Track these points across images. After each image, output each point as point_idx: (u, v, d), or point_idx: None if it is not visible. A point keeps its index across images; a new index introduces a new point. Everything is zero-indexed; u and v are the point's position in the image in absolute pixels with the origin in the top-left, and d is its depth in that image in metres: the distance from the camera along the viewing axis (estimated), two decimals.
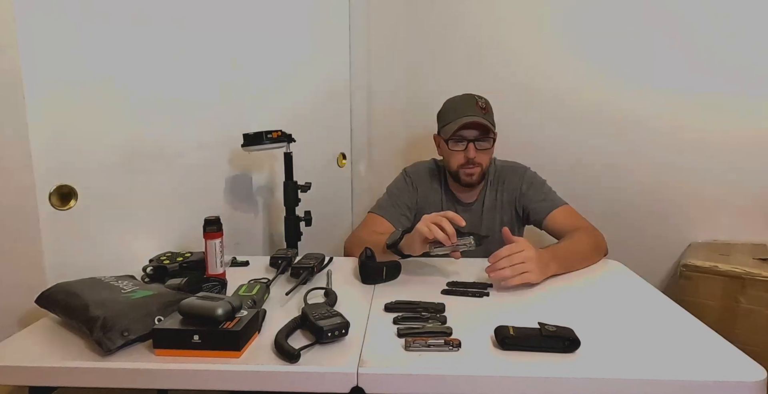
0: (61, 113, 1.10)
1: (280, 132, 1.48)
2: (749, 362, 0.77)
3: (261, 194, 1.70)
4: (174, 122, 1.36)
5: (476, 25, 2.02)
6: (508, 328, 0.83)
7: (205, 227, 1.11)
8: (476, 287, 1.09)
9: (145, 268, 1.13)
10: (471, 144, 1.39)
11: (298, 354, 0.77)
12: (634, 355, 0.80)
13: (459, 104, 1.44)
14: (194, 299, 0.83)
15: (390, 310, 0.97)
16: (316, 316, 0.85)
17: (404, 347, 0.81)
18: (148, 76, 1.28)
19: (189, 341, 0.79)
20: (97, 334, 0.79)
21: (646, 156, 1.88)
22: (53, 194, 1.10)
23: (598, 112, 1.91)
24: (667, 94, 1.81)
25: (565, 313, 0.96)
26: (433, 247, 1.11)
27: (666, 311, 0.99)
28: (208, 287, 1.04)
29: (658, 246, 1.88)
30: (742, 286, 1.51)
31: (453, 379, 0.75)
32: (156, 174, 1.32)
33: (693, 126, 1.80)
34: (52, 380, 0.79)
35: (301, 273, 1.12)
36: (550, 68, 1.95)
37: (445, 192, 1.52)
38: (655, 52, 1.81)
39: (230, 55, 1.51)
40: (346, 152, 2.13)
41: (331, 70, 2.00)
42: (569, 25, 1.91)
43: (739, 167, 1.77)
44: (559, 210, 1.40)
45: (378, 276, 1.14)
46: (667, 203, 1.87)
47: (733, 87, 1.74)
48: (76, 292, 0.91)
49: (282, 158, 1.54)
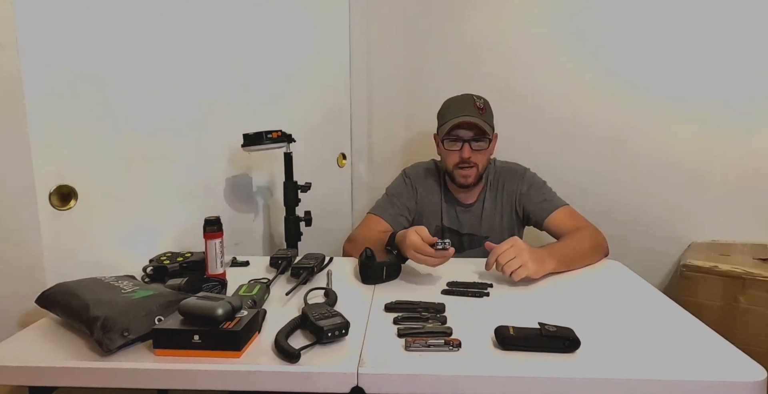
0: (61, 113, 1.11)
1: (280, 132, 1.47)
2: (749, 362, 0.77)
3: (261, 194, 1.70)
4: (174, 122, 1.36)
5: (477, 25, 2.02)
6: (508, 328, 0.83)
7: (205, 227, 1.11)
8: (476, 287, 1.09)
9: (145, 268, 1.13)
10: (466, 144, 1.39)
11: (298, 354, 0.77)
12: (634, 355, 0.80)
13: (456, 104, 1.44)
14: (194, 299, 0.83)
15: (390, 310, 0.97)
16: (316, 316, 0.85)
17: (404, 347, 0.81)
18: (148, 77, 1.28)
19: (189, 341, 0.79)
20: (98, 334, 0.79)
21: (646, 156, 1.87)
22: (53, 194, 1.10)
23: (598, 113, 1.91)
24: (668, 95, 1.81)
25: (565, 313, 0.96)
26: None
27: (666, 311, 0.99)
28: (208, 287, 1.04)
29: (658, 246, 1.88)
30: (742, 286, 1.51)
31: (453, 379, 0.75)
32: (156, 174, 1.32)
33: (693, 126, 1.80)
34: (52, 380, 0.79)
35: (301, 273, 1.12)
36: (550, 69, 1.95)
37: (445, 193, 1.52)
38: (655, 56, 1.81)
39: (231, 55, 1.51)
40: (346, 152, 2.13)
41: (331, 70, 2.00)
42: (570, 27, 1.91)
43: (739, 167, 1.77)
44: (559, 211, 1.40)
45: (378, 276, 1.14)
46: (667, 203, 1.87)
47: (733, 88, 1.74)
48: (76, 292, 0.91)
49: (282, 158, 1.54)
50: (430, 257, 1.09)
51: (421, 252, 1.09)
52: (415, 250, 1.10)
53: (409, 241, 1.10)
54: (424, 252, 1.09)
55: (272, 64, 1.67)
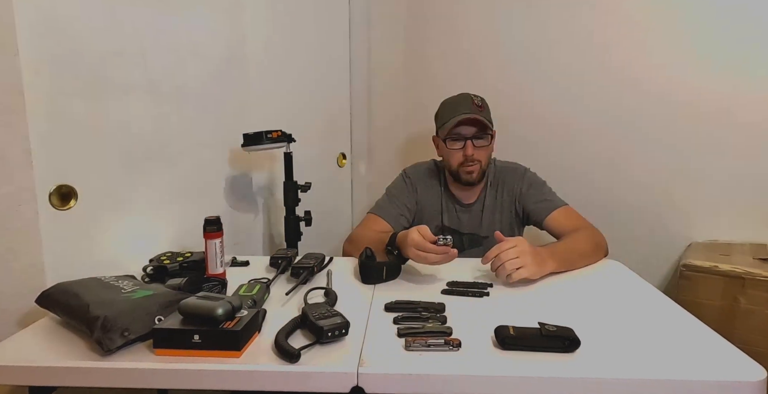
0: (61, 113, 1.10)
1: (280, 132, 1.48)
2: (749, 362, 0.77)
3: (261, 194, 1.70)
4: (174, 122, 1.36)
5: (477, 25, 2.02)
6: (508, 328, 0.83)
7: (205, 227, 1.11)
8: (476, 287, 1.09)
9: (145, 268, 1.13)
10: (469, 141, 1.39)
11: (298, 354, 0.77)
12: (634, 355, 0.80)
13: (455, 103, 1.44)
14: (194, 299, 0.83)
15: (390, 310, 0.97)
16: (316, 316, 0.85)
17: (404, 347, 0.81)
18: (148, 76, 1.28)
19: (189, 341, 0.79)
20: (98, 334, 0.79)
21: (646, 156, 1.87)
22: (53, 194, 1.10)
23: (598, 113, 1.91)
24: (668, 95, 1.81)
25: (565, 313, 0.96)
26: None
27: (666, 311, 0.99)
28: (208, 286, 1.04)
29: (658, 246, 1.88)
30: (742, 286, 1.51)
31: (453, 379, 0.75)
32: (156, 174, 1.32)
33: (693, 126, 1.80)
34: (52, 380, 0.79)
35: (301, 273, 1.12)
36: (550, 69, 1.95)
37: (445, 193, 1.52)
38: (655, 56, 1.81)
39: (230, 55, 1.51)
40: (346, 152, 2.14)
41: (331, 70, 2.00)
42: (570, 25, 1.91)
43: (739, 167, 1.77)
44: (559, 210, 1.40)
45: (378, 276, 1.14)
46: (667, 202, 1.87)
47: (733, 87, 1.74)
48: (76, 292, 0.91)
49: (282, 158, 1.54)
50: (431, 253, 1.08)
51: (422, 249, 1.09)
52: (416, 247, 1.09)
53: (410, 239, 1.10)
54: (425, 249, 1.08)
55: (272, 63, 1.67)
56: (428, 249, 1.08)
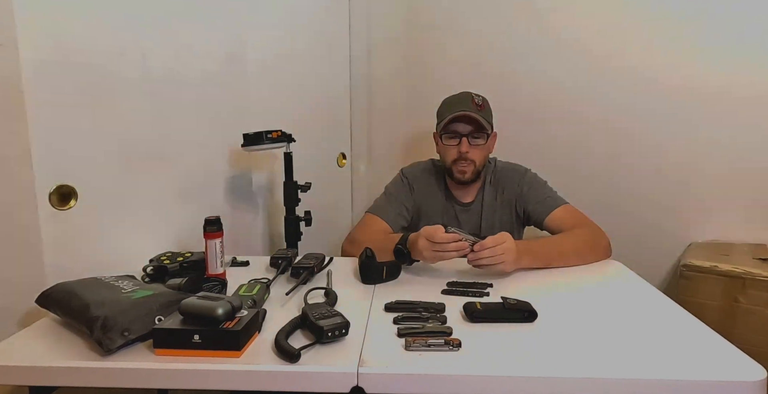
0: (61, 113, 1.10)
1: (280, 132, 1.47)
2: (749, 362, 0.77)
3: (261, 194, 1.70)
4: (174, 122, 1.36)
5: (477, 25, 2.02)
6: (475, 303, 0.95)
7: (205, 227, 1.11)
8: (476, 287, 1.09)
9: (145, 268, 1.13)
10: (464, 138, 1.40)
11: (299, 354, 0.77)
12: (635, 355, 0.80)
13: (455, 101, 1.45)
14: (194, 299, 0.83)
15: (390, 310, 0.97)
16: (316, 316, 0.85)
17: (404, 347, 0.81)
18: (148, 76, 1.28)
19: (189, 341, 0.79)
20: (98, 334, 0.79)
21: (646, 156, 1.87)
22: (53, 194, 1.10)
23: (598, 113, 1.91)
24: (668, 94, 1.81)
25: (565, 313, 0.96)
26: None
27: (666, 311, 0.99)
28: (209, 286, 1.04)
29: (658, 246, 1.88)
30: (742, 286, 1.51)
31: (453, 379, 0.75)
32: (156, 174, 1.32)
33: (693, 126, 1.80)
34: (52, 380, 0.79)
35: (301, 273, 1.12)
36: (551, 68, 1.95)
37: (444, 192, 1.52)
38: (655, 55, 1.81)
39: (231, 54, 1.51)
40: (346, 152, 2.13)
41: (331, 70, 2.00)
42: (570, 23, 1.91)
43: (739, 167, 1.77)
44: (559, 209, 1.40)
45: (378, 276, 1.14)
46: (667, 203, 1.87)
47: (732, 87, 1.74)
48: (76, 292, 0.91)
49: (282, 158, 1.54)
50: (444, 242, 1.09)
51: (439, 240, 1.10)
52: (429, 238, 1.11)
53: (424, 230, 1.13)
54: (442, 239, 1.10)
55: (272, 63, 1.67)
56: (443, 239, 1.10)
